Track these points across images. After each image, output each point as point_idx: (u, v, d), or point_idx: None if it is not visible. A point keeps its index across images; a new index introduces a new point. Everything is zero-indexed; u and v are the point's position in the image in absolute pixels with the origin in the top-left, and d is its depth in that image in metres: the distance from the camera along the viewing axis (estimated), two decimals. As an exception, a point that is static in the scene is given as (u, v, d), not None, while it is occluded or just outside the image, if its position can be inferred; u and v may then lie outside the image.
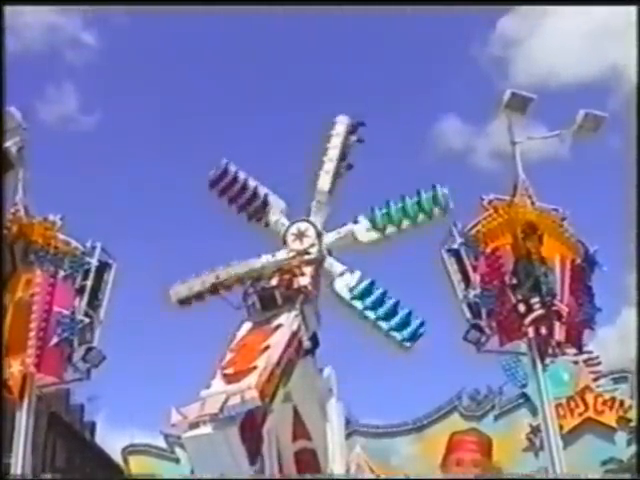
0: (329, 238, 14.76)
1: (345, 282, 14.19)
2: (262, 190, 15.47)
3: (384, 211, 14.67)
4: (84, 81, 58.94)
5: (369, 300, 13.90)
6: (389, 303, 13.85)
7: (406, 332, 13.67)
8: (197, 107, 57.58)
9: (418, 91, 57.74)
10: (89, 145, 57.26)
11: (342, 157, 15.41)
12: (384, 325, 13.75)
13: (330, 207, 15.15)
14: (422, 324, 13.82)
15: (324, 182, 15.12)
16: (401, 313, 13.77)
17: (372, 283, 14.06)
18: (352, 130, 15.71)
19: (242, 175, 15.58)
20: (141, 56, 58.37)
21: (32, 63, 50.95)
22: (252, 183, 15.54)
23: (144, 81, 59.02)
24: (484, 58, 61.90)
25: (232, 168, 15.64)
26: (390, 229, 14.63)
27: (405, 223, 14.65)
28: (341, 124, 15.73)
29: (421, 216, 14.65)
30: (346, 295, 14.10)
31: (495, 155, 46.02)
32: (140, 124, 57.35)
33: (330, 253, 14.70)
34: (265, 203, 15.37)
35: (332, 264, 14.53)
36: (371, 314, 13.85)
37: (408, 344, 13.72)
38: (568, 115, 17.06)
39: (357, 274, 14.22)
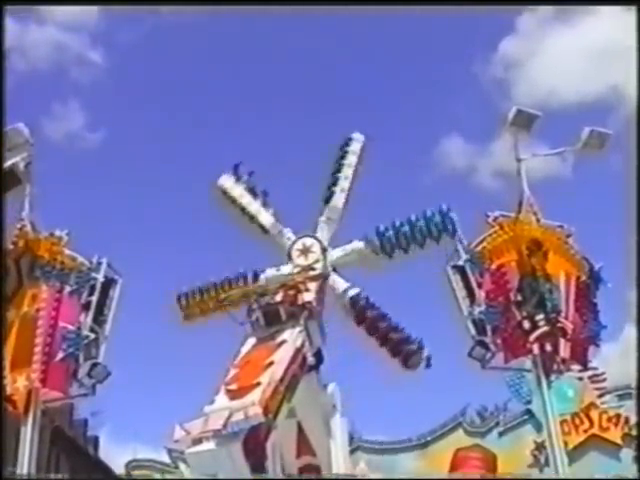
0: (335, 255, 14.83)
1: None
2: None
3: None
4: (90, 99, 59.58)
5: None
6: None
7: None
8: (201, 123, 57.93)
9: (421, 111, 57.98)
10: (95, 162, 57.65)
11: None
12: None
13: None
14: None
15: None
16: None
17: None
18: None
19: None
20: (146, 74, 58.99)
21: (39, 81, 51.55)
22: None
23: (149, 99, 59.54)
24: (486, 79, 62.34)
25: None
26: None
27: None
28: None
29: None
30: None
31: (498, 174, 46.34)
32: (145, 141, 57.79)
33: (335, 269, 14.75)
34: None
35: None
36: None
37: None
38: (570, 135, 17.20)
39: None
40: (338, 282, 14.60)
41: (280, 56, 57.29)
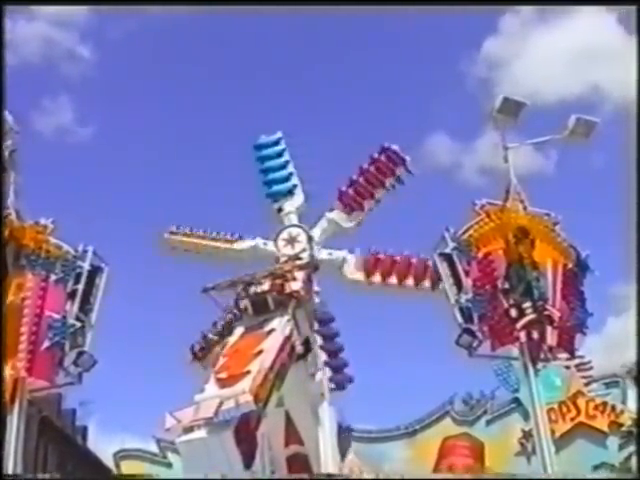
0: (315, 234, 14.94)
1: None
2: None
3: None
4: (80, 94, 60.12)
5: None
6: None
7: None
8: (190, 117, 58.39)
9: (406, 108, 58.57)
10: (85, 155, 58.20)
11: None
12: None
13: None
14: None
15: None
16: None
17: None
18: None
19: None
20: (135, 70, 59.55)
21: (29, 76, 51.80)
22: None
23: (138, 94, 59.99)
24: (470, 79, 63.30)
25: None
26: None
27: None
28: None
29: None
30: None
31: (483, 171, 46.95)
32: (134, 134, 58.43)
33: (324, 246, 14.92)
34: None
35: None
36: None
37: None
38: (553, 132, 17.18)
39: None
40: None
41: (266, 52, 57.67)
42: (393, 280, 14.66)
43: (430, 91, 59.61)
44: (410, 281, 15.23)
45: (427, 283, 15.32)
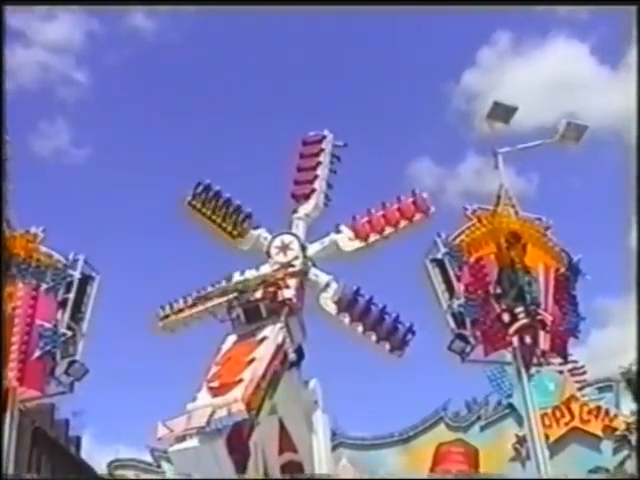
0: (313, 249, 14.71)
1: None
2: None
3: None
4: (76, 117, 61.91)
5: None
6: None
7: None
8: (183, 139, 59.44)
9: (391, 135, 59.81)
10: (81, 175, 59.63)
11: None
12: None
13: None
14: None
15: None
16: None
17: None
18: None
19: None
20: (129, 93, 61.66)
21: (26, 100, 52.94)
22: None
23: (132, 116, 61.49)
24: (450, 110, 65.96)
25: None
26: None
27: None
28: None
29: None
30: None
31: (466, 194, 48.16)
32: (128, 155, 59.85)
33: (314, 264, 14.64)
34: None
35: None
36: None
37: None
38: (533, 157, 17.83)
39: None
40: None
41: (259, 75, 58.69)
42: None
43: (413, 120, 62.02)
44: (403, 223, 14.87)
45: (419, 215, 14.78)
